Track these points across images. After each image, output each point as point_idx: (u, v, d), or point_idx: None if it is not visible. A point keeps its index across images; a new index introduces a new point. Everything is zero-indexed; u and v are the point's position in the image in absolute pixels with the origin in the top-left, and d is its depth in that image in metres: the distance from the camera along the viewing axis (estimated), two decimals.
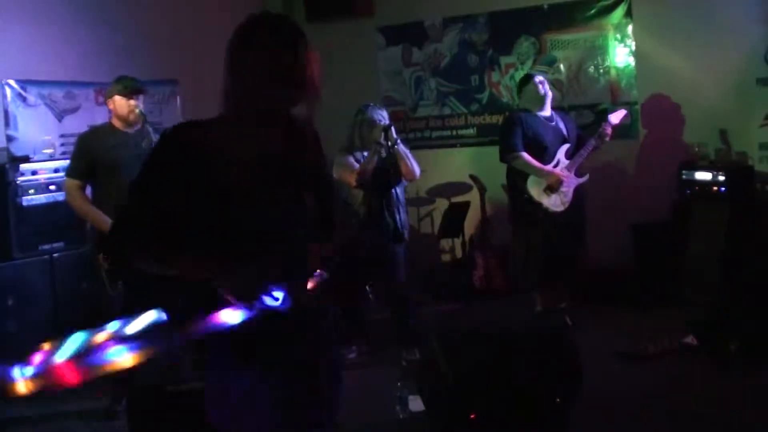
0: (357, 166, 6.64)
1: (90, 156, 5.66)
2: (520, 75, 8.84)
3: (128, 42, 8.43)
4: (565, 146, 7.16)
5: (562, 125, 7.27)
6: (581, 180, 7.17)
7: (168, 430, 4.91)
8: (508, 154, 7.15)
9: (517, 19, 8.84)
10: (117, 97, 5.70)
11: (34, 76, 7.62)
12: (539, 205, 7.06)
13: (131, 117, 5.68)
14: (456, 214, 8.50)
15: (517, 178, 7.20)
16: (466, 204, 8.58)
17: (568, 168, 7.11)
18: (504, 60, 9.04)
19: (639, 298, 7.58)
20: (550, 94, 7.28)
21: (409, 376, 5.67)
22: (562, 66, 8.68)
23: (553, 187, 7.03)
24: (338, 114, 7.19)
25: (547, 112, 7.26)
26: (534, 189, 7.09)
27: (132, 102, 5.66)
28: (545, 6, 8.65)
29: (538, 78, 7.31)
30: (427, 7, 9.41)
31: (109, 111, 5.85)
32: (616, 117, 7.23)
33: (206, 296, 2.69)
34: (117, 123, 5.75)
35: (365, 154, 6.69)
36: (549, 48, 8.74)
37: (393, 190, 6.74)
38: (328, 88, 10.29)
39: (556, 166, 7.10)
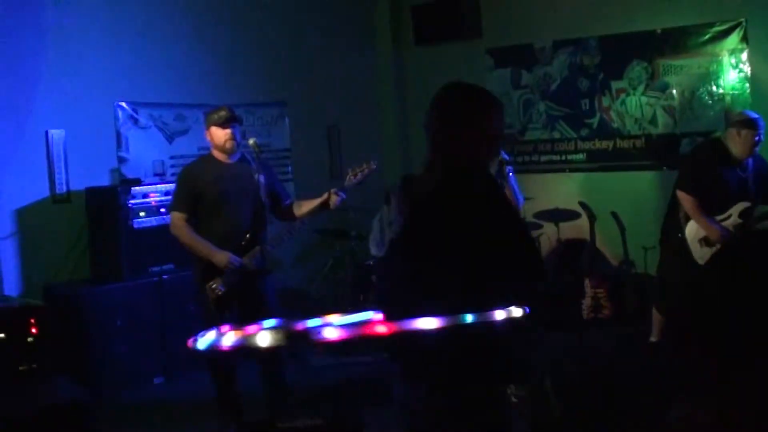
0: None
1: (193, 189, 5.67)
2: (631, 100, 8.68)
3: (237, 65, 8.53)
4: (744, 204, 6.51)
5: (751, 177, 6.59)
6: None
7: None
8: (680, 190, 6.61)
9: (629, 43, 8.65)
10: (213, 128, 5.70)
11: (145, 98, 7.76)
12: (689, 251, 6.61)
13: (227, 145, 5.66)
14: (571, 253, 8.33)
15: (678, 212, 6.71)
16: (581, 242, 8.38)
17: (736, 227, 6.50)
18: (615, 84, 8.85)
19: None
20: (757, 151, 6.53)
21: (518, 413, 5.55)
22: (674, 92, 8.46)
23: (710, 242, 6.57)
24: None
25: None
26: (691, 234, 6.62)
27: (227, 131, 5.66)
28: (658, 31, 8.45)
29: (761, 134, 6.45)
30: (536, 30, 9.29)
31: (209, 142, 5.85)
32: None
33: None
34: (217, 154, 5.75)
35: None
36: (661, 73, 8.53)
37: None
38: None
39: (725, 219, 6.54)
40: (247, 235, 5.62)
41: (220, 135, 5.67)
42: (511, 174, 6.26)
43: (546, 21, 9.22)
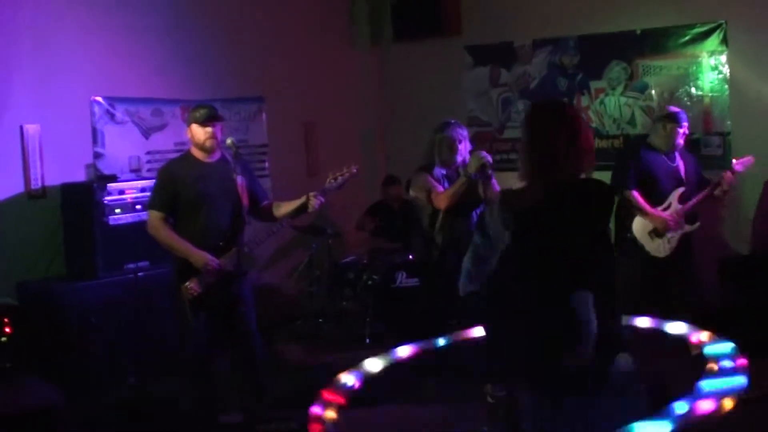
0: (436, 185, 6.48)
1: (172, 188, 5.62)
2: (610, 100, 8.68)
3: (215, 59, 8.48)
4: (680, 190, 6.82)
5: (681, 166, 6.93)
6: (691, 228, 6.84)
7: None
8: (618, 189, 6.79)
9: (609, 43, 8.65)
10: (194, 126, 5.65)
11: (121, 93, 7.69)
12: (641, 247, 6.83)
13: (207, 143, 5.62)
14: None
15: (624, 213, 6.89)
16: None
17: (678, 213, 6.77)
18: (594, 84, 8.86)
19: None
20: (681, 143, 6.94)
21: (495, 414, 5.55)
22: (653, 93, 8.46)
23: (659, 232, 6.79)
24: (422, 132, 7.11)
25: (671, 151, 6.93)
26: (639, 230, 6.82)
27: (208, 129, 5.61)
28: (638, 31, 8.46)
29: (684, 126, 6.92)
30: (516, 28, 9.28)
31: (188, 140, 5.80)
32: (741, 164, 6.84)
33: None
34: (196, 152, 5.70)
35: (444, 171, 6.54)
36: (641, 74, 8.53)
37: (473, 214, 6.56)
38: (412, 106, 10.42)
39: (666, 209, 6.79)
40: (226, 236, 5.58)
41: (200, 133, 5.63)
42: (491, 173, 6.29)
43: (526, 19, 9.21)
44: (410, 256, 8.10)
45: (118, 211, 6.99)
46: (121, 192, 7.06)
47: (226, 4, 8.66)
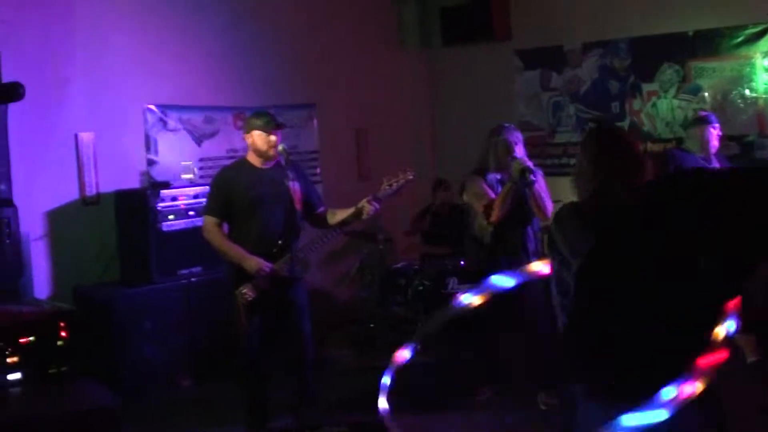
0: (490, 192, 6.40)
1: (227, 193, 5.66)
2: (663, 103, 8.60)
3: (266, 67, 8.54)
4: None
5: (717, 167, 6.82)
6: None
7: None
8: None
9: (661, 45, 8.55)
10: (256, 133, 5.66)
11: (174, 101, 7.78)
12: None
13: (271, 152, 5.64)
14: None
15: None
16: None
17: None
18: (646, 87, 8.76)
19: None
20: (717, 144, 6.94)
21: (548, 420, 5.52)
22: (706, 95, 8.35)
23: None
24: (472, 137, 7.07)
25: (706, 152, 6.92)
26: None
27: (272, 138, 5.63)
28: (690, 32, 8.36)
29: (717, 127, 6.96)
30: (566, 32, 9.22)
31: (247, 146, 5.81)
32: None
33: None
34: (253, 158, 5.73)
35: (498, 176, 6.44)
36: (693, 76, 8.42)
37: (527, 229, 6.47)
38: (462, 111, 10.37)
39: None
40: (280, 242, 5.61)
41: (263, 140, 5.64)
42: (537, 178, 6.21)
43: (576, 22, 9.15)
44: (461, 262, 8.06)
45: (171, 217, 7.06)
46: (174, 198, 7.13)
47: (277, 12, 8.71)
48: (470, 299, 3.89)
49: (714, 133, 6.90)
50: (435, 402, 6.63)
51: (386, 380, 3.98)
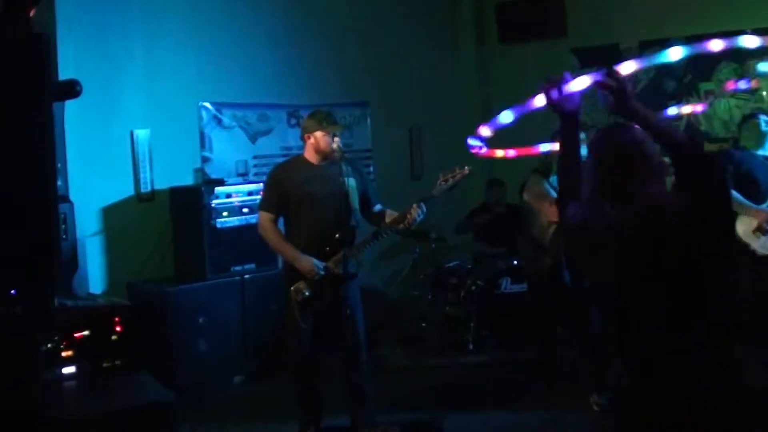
0: (552, 192, 6.32)
1: (282, 190, 5.64)
2: (720, 102, 8.48)
3: (320, 65, 8.54)
4: None
5: None
6: None
7: None
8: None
9: None
10: (319, 134, 5.64)
11: (228, 98, 7.81)
12: (746, 246, 6.65)
13: (336, 155, 5.64)
14: None
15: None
16: None
17: None
18: (703, 86, 8.65)
19: None
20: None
21: (599, 423, 5.45)
22: (765, 94, 8.22)
23: (763, 228, 6.61)
24: (527, 137, 6.99)
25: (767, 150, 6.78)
26: (741, 229, 6.64)
27: (337, 138, 5.63)
28: (749, 30, 8.22)
29: (763, 116, 6.80)
30: (622, 30, 9.12)
31: (303, 144, 5.78)
32: None
33: None
34: (310, 155, 5.71)
35: None
36: (751, 74, 8.29)
37: None
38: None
39: None
40: (335, 237, 5.57)
41: (327, 141, 5.60)
42: None
43: (632, 21, 9.04)
44: (515, 262, 8.01)
45: (225, 214, 7.09)
46: (228, 195, 7.16)
47: (331, 10, 8.71)
48: None
49: (765, 123, 6.75)
50: (487, 400, 6.60)
51: None
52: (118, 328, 5.67)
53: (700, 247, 2.95)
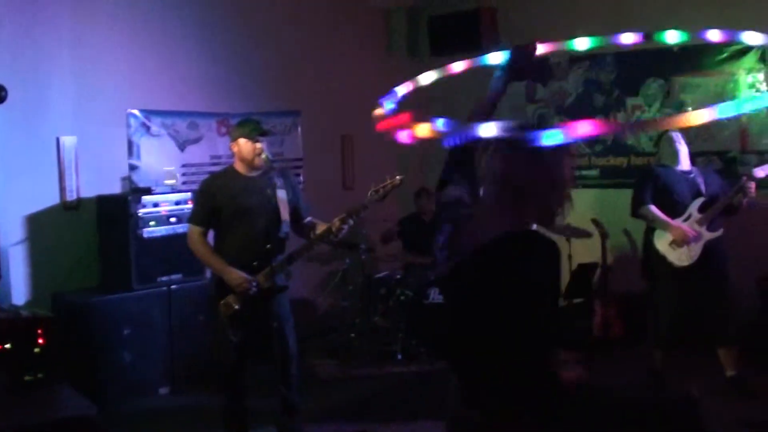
0: None
1: (213, 202, 5.60)
2: (647, 117, 8.61)
3: (250, 73, 8.50)
4: (699, 200, 6.79)
5: (700, 180, 6.90)
6: (712, 234, 6.78)
7: None
8: (637, 207, 6.94)
9: (646, 60, 8.54)
10: (242, 140, 5.60)
11: (157, 105, 7.72)
12: (663, 258, 6.81)
13: (256, 161, 5.58)
14: (584, 276, 8.23)
15: (648, 232, 6.99)
16: (594, 265, 8.25)
17: (699, 222, 6.73)
18: (630, 101, 8.78)
19: None
20: (684, 149, 6.95)
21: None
22: (690, 110, 8.34)
23: (677, 242, 6.76)
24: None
25: (684, 166, 6.93)
26: (660, 243, 6.84)
27: (258, 145, 5.57)
28: (675, 48, 8.37)
29: (673, 134, 6.98)
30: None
31: (233, 154, 5.76)
32: (761, 171, 6.67)
33: None
34: (240, 167, 5.67)
35: None
36: (678, 91, 8.45)
37: None
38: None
39: (687, 219, 6.78)
40: (264, 250, 5.52)
41: (249, 149, 5.59)
42: None
43: (562, 36, 9.09)
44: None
45: (152, 223, 7.01)
46: (156, 204, 7.08)
47: (263, 18, 8.67)
48: None
49: (676, 138, 6.95)
50: (416, 411, 6.61)
51: None
52: (40, 341, 5.57)
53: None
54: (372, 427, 6.27)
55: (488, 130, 2.75)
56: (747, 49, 7.98)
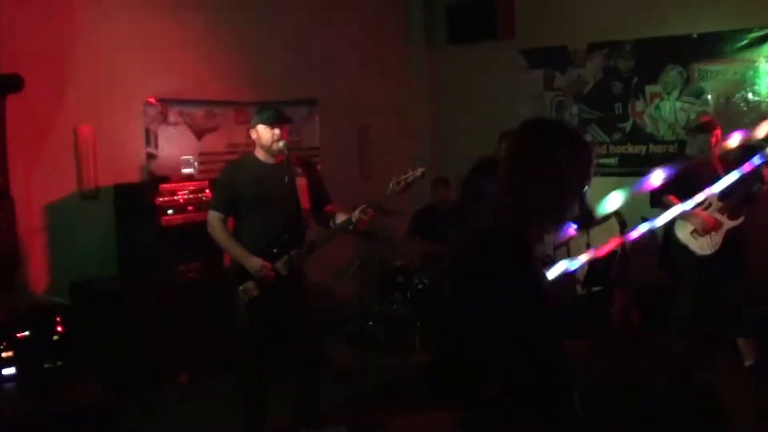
0: None
1: (233, 189, 5.61)
2: (666, 105, 8.56)
3: (267, 62, 8.48)
4: (719, 188, 6.67)
5: (722, 170, 6.78)
6: (733, 223, 6.74)
7: None
8: (657, 197, 6.89)
9: (665, 47, 8.51)
10: (261, 127, 5.61)
11: (175, 95, 7.71)
12: (685, 247, 6.77)
13: (275, 147, 5.58)
14: (603, 265, 8.16)
15: (669, 222, 6.91)
16: (613, 254, 8.17)
17: (720, 210, 6.71)
18: (649, 89, 8.72)
19: None
20: (717, 152, 6.83)
21: None
22: (709, 97, 8.30)
23: (699, 231, 6.71)
24: (475, 135, 7.00)
25: (708, 157, 6.83)
26: (682, 232, 6.80)
27: (276, 131, 5.57)
28: (694, 35, 8.31)
29: (716, 134, 6.81)
30: (571, 32, 9.17)
31: (252, 142, 5.74)
32: None
33: None
34: (260, 154, 5.67)
35: None
36: (697, 78, 8.38)
37: None
38: (466, 109, 10.28)
39: (707, 208, 6.74)
40: (283, 238, 5.52)
41: (267, 135, 5.59)
42: None
43: (581, 23, 9.10)
44: None
45: (170, 212, 7.01)
46: (173, 193, 7.07)
47: (281, 6, 8.66)
48: None
49: (713, 141, 6.80)
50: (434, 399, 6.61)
51: None
52: (59, 329, 5.59)
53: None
54: (390, 415, 6.26)
55: None
56: (767, 36, 7.92)
